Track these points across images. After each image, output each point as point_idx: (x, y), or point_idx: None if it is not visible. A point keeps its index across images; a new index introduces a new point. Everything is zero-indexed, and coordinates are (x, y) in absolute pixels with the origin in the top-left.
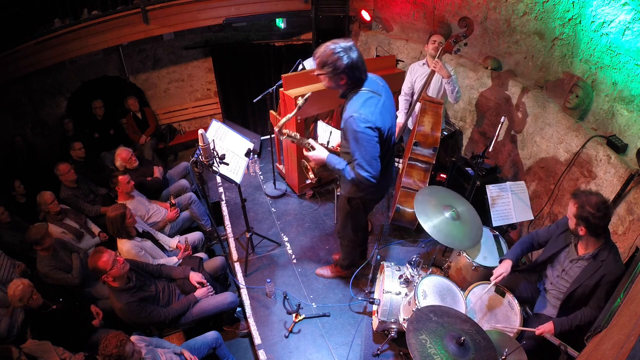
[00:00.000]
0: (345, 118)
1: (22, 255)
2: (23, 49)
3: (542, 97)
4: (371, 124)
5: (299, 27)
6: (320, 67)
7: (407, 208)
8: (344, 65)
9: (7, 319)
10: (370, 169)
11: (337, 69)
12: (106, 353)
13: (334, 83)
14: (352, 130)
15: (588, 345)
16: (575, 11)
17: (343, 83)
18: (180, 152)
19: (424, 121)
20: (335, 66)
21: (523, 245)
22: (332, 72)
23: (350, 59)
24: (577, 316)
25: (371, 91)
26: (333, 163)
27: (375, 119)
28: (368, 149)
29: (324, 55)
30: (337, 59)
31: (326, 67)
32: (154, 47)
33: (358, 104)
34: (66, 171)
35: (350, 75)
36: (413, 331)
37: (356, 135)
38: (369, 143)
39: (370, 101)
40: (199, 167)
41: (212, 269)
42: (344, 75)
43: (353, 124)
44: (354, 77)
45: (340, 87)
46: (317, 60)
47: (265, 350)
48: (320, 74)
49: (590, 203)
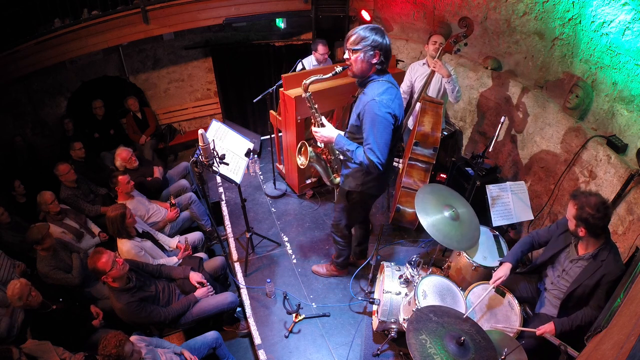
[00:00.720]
0: (365, 101)
1: (22, 255)
2: (23, 49)
3: (542, 97)
4: (391, 110)
5: (299, 27)
6: (356, 43)
7: (407, 208)
8: (380, 42)
9: (7, 319)
10: (380, 155)
11: (375, 43)
12: (105, 353)
13: (365, 62)
14: (372, 113)
15: (588, 345)
16: (575, 11)
17: (375, 61)
18: (180, 152)
19: (424, 121)
20: (373, 40)
21: (523, 247)
22: (369, 47)
23: (385, 40)
24: (577, 316)
25: (390, 82)
26: (342, 143)
27: (395, 107)
28: (383, 134)
29: (361, 31)
30: (374, 35)
31: (363, 42)
32: (154, 47)
33: (380, 90)
34: (66, 171)
35: (383, 53)
36: (413, 331)
37: (375, 118)
38: (386, 129)
39: (390, 90)
40: (199, 167)
41: (212, 269)
42: (378, 50)
43: (375, 107)
44: (386, 57)
45: (369, 68)
46: (354, 37)
47: (265, 350)
48: (354, 49)
49: (590, 204)
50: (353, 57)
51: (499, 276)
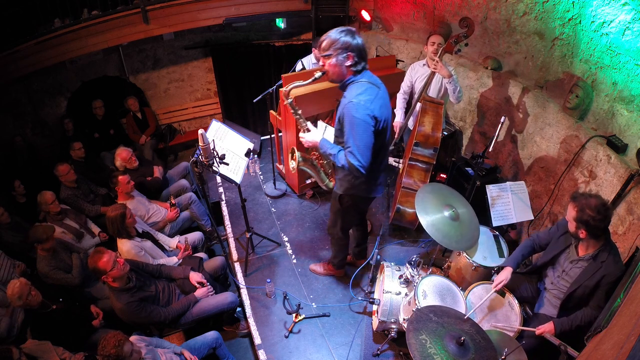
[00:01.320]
0: (344, 104)
1: (22, 255)
2: (23, 49)
3: (542, 97)
4: (369, 112)
5: (299, 27)
6: (327, 47)
7: (407, 208)
8: (351, 43)
9: (7, 319)
10: (361, 158)
11: (345, 45)
12: (104, 353)
13: (339, 65)
14: (350, 115)
15: (588, 345)
16: (575, 11)
17: (349, 64)
18: (180, 152)
19: (425, 121)
20: (343, 42)
21: (524, 250)
22: (340, 49)
23: (356, 40)
24: (577, 316)
25: (370, 82)
26: (326, 147)
27: (374, 108)
28: (363, 137)
29: (331, 36)
30: (343, 37)
31: (334, 45)
32: (154, 47)
33: (358, 91)
34: (65, 172)
35: (357, 54)
36: (413, 331)
37: (353, 120)
38: (365, 131)
39: (370, 91)
40: (199, 167)
41: (212, 269)
42: (350, 52)
43: (352, 109)
44: (360, 57)
45: (345, 72)
46: (324, 43)
47: (265, 350)
48: (326, 55)
49: (590, 206)
50: (327, 63)
51: (500, 280)
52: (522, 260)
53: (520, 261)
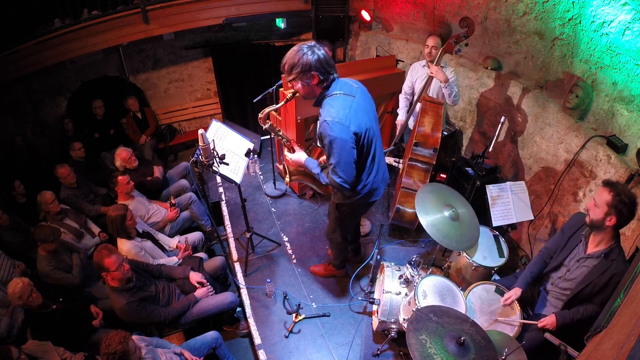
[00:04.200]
0: (319, 123)
1: (22, 255)
2: (23, 49)
3: (542, 97)
4: (345, 128)
5: (299, 27)
6: (289, 71)
7: (407, 208)
8: (312, 61)
9: (7, 319)
10: (343, 174)
11: (306, 66)
12: (109, 351)
13: (307, 86)
14: (327, 134)
15: (588, 345)
16: (575, 11)
17: (315, 82)
18: (180, 152)
19: (425, 122)
20: (303, 64)
21: (534, 268)
22: (301, 72)
23: (316, 55)
24: (579, 310)
25: (344, 94)
26: (310, 167)
27: (350, 122)
28: (342, 154)
29: (290, 57)
30: (303, 56)
31: (295, 68)
32: (154, 47)
33: (331, 108)
34: (65, 175)
35: (321, 70)
36: (413, 331)
37: (331, 140)
38: (343, 148)
39: (344, 103)
40: (199, 167)
41: (212, 269)
42: (314, 71)
43: (327, 128)
44: (325, 73)
45: (314, 90)
46: (285, 67)
47: (265, 350)
48: (292, 79)
49: (626, 192)
50: (294, 84)
51: (510, 296)
52: (531, 280)
53: (530, 281)
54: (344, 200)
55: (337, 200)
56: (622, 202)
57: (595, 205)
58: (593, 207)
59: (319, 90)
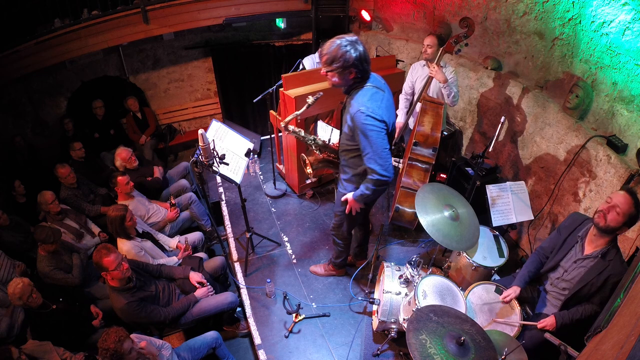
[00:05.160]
0: (352, 113)
1: (22, 255)
2: (23, 49)
3: (542, 97)
4: (379, 117)
5: (299, 27)
6: (329, 63)
7: (406, 208)
8: (354, 59)
9: (7, 319)
10: (382, 162)
11: (347, 63)
12: (103, 347)
13: (343, 79)
14: (361, 124)
15: (588, 345)
16: (575, 11)
17: (352, 77)
18: (180, 152)
19: (424, 121)
20: (345, 60)
21: (530, 266)
22: (341, 67)
23: (358, 52)
24: (577, 310)
25: (375, 87)
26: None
27: (382, 113)
28: (378, 141)
29: (332, 51)
30: (346, 53)
31: (335, 63)
32: (154, 47)
33: (365, 99)
34: (65, 175)
35: (360, 68)
36: (413, 331)
37: (365, 129)
38: (379, 135)
39: (376, 96)
40: (199, 167)
41: (212, 269)
42: (353, 68)
43: (362, 118)
44: (363, 70)
45: (348, 82)
46: (324, 57)
47: (265, 350)
48: (328, 70)
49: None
50: (330, 74)
51: (509, 294)
52: (529, 279)
53: (527, 279)
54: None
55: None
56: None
57: (617, 213)
58: (615, 214)
59: (353, 82)
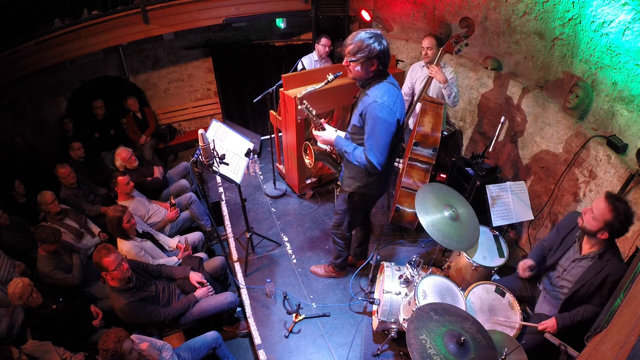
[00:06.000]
0: (367, 102)
1: (22, 255)
2: (23, 49)
3: (542, 97)
4: (393, 113)
5: (299, 27)
6: (354, 53)
7: (406, 208)
8: (378, 51)
9: (7, 319)
10: (379, 156)
11: (371, 54)
12: (103, 347)
13: (364, 70)
14: (374, 114)
15: (588, 345)
16: (575, 11)
17: (374, 69)
18: (180, 152)
19: (424, 121)
20: (370, 50)
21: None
22: (365, 57)
23: (382, 45)
24: (578, 312)
25: (392, 84)
26: (341, 144)
27: (397, 109)
28: (383, 136)
29: (357, 41)
30: (371, 44)
31: (360, 53)
32: (154, 47)
33: (381, 92)
34: (65, 175)
35: (383, 60)
36: (413, 331)
37: (376, 120)
38: (387, 131)
39: (393, 92)
40: (199, 167)
41: (212, 269)
42: (376, 60)
43: (377, 109)
44: (384, 64)
45: (368, 74)
46: (349, 47)
47: (265, 350)
48: (352, 60)
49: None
50: (351, 65)
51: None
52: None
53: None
54: (359, 189)
55: (351, 189)
56: (619, 222)
57: (592, 218)
58: (590, 217)
59: (372, 75)
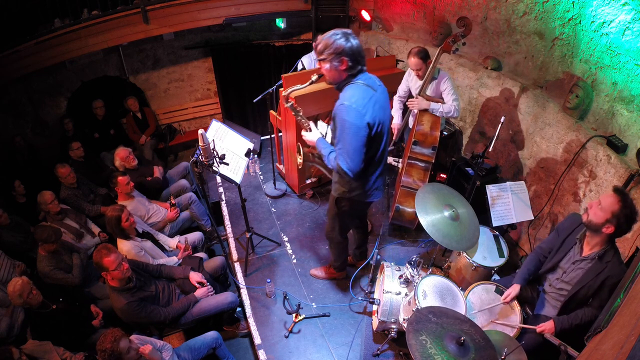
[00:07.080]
0: (336, 105)
1: (22, 255)
2: (23, 49)
3: (542, 97)
4: (361, 116)
5: (299, 27)
6: (321, 52)
7: (406, 207)
8: (345, 47)
9: (7, 319)
10: (350, 161)
11: (338, 50)
12: (101, 348)
13: (334, 69)
14: (341, 118)
15: (588, 345)
16: (575, 11)
17: (344, 68)
18: (180, 152)
19: (423, 120)
20: (336, 47)
21: (530, 265)
22: (333, 55)
23: (350, 43)
24: (577, 315)
25: (366, 84)
26: (320, 147)
27: (366, 111)
28: (352, 140)
29: (325, 39)
30: (336, 41)
31: (327, 50)
32: (154, 47)
33: (350, 94)
34: (65, 175)
35: (352, 57)
36: (413, 332)
37: (344, 124)
38: (355, 135)
39: (365, 93)
40: (199, 167)
41: (212, 269)
42: (344, 57)
43: (343, 111)
44: (355, 61)
45: (341, 75)
46: (319, 46)
47: (265, 350)
48: (321, 59)
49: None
50: (323, 64)
51: (509, 293)
52: (529, 277)
53: (527, 277)
54: (344, 194)
55: (337, 194)
56: (625, 216)
57: (599, 208)
58: (597, 208)
59: (345, 75)
